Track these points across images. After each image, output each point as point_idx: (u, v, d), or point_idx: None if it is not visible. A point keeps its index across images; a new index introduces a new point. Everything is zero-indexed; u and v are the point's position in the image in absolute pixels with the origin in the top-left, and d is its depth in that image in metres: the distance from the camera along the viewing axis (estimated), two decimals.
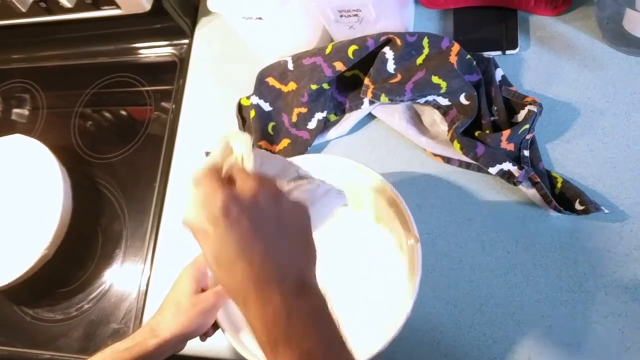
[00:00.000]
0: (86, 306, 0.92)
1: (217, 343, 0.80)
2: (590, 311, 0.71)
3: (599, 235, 0.74)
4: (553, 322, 0.72)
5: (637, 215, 0.74)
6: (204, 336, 0.70)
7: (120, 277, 0.92)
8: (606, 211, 0.73)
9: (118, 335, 0.87)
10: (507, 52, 0.85)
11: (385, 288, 0.71)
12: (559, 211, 0.74)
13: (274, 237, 0.47)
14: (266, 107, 0.89)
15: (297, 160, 0.74)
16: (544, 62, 0.84)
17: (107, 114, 1.07)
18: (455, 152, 0.79)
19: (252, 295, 0.44)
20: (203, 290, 0.67)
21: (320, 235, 0.54)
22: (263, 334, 0.44)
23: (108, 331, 0.89)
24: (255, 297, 0.44)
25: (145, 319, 0.87)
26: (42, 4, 0.97)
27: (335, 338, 0.46)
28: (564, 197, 0.76)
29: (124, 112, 1.07)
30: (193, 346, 0.79)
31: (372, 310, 0.72)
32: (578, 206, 0.74)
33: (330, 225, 0.75)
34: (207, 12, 1.05)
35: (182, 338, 0.65)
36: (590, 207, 0.72)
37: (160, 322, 0.65)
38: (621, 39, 0.80)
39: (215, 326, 0.69)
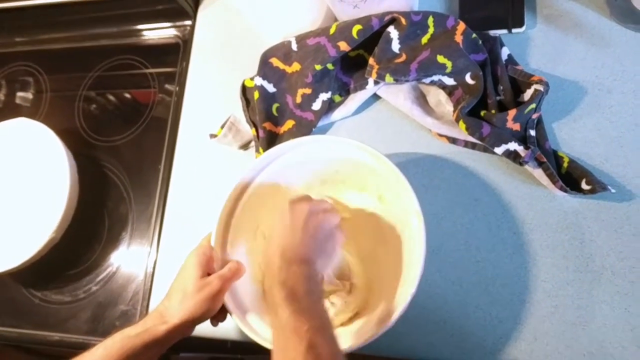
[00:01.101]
0: (94, 288, 0.92)
1: (224, 325, 0.81)
2: (596, 290, 0.72)
3: (606, 215, 0.74)
4: (559, 301, 0.72)
5: None
6: (215, 321, 0.71)
7: (127, 260, 0.93)
8: (613, 191, 0.73)
9: (126, 317, 0.88)
10: (514, 30, 0.84)
11: (390, 269, 0.71)
12: (565, 191, 0.74)
13: (313, 237, 0.65)
14: (270, 88, 0.88)
15: (303, 141, 0.74)
16: (550, 41, 0.83)
17: (111, 97, 1.07)
18: (460, 132, 0.78)
19: (281, 253, 0.62)
20: (209, 275, 0.68)
21: None
22: (274, 280, 0.60)
23: (116, 313, 0.89)
24: (281, 256, 0.62)
25: (152, 300, 0.87)
26: None
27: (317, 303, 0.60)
28: (570, 177, 0.75)
29: (128, 95, 1.07)
30: (201, 327, 0.80)
31: (377, 291, 0.73)
32: (585, 186, 0.73)
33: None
34: None
35: (191, 323, 0.66)
36: (597, 187, 0.72)
37: (168, 308, 0.66)
38: (629, 16, 0.79)
39: (226, 311, 0.70)
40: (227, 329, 0.81)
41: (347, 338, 0.65)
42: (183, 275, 0.68)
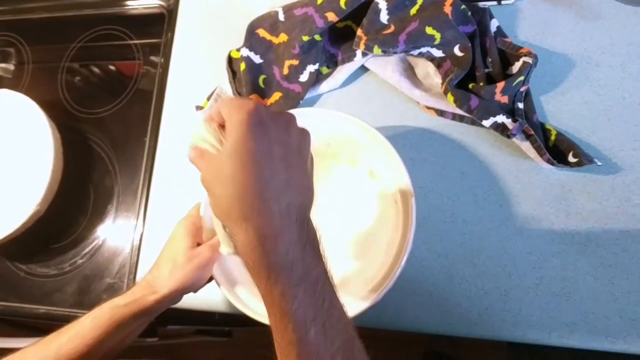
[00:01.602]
0: (80, 261, 0.92)
1: (212, 297, 0.81)
2: (581, 262, 0.72)
3: (592, 188, 0.75)
4: (544, 273, 0.73)
5: (630, 168, 0.74)
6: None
7: (113, 233, 0.92)
8: (599, 164, 0.73)
9: (112, 289, 0.87)
10: (503, 2, 0.83)
11: (379, 242, 0.71)
12: (552, 164, 0.74)
13: (284, 164, 0.47)
14: (257, 59, 0.87)
15: (295, 113, 0.73)
16: (540, 13, 0.83)
17: (94, 69, 1.05)
18: (448, 105, 0.78)
19: (257, 211, 0.45)
20: (198, 245, 0.67)
21: (315, 192, 0.53)
22: (257, 252, 0.45)
23: (102, 286, 0.89)
24: (258, 215, 0.45)
25: (139, 273, 0.87)
26: None
27: (322, 267, 0.47)
28: (557, 150, 0.76)
29: (111, 67, 1.05)
30: (189, 299, 0.80)
31: (367, 264, 0.73)
32: (571, 159, 0.74)
33: (325, 182, 0.76)
34: None
35: (180, 293, 0.66)
36: (584, 160, 0.72)
37: (157, 278, 0.65)
38: None
39: (209, 279, 0.69)
40: (215, 301, 0.82)
41: None
42: (172, 245, 0.67)
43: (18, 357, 0.60)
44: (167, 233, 0.85)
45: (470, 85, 0.78)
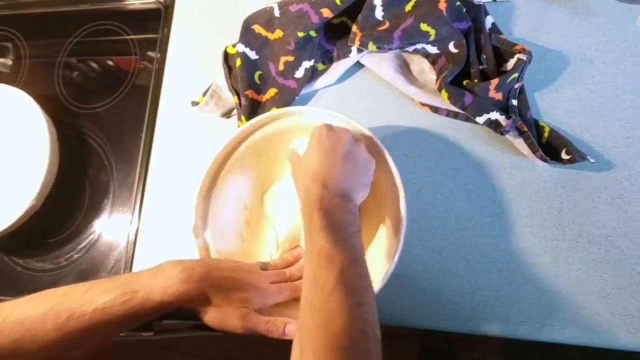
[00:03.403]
0: (75, 256, 0.92)
1: None
2: (572, 258, 0.73)
3: (584, 185, 0.75)
4: (536, 269, 0.73)
5: (622, 165, 0.75)
6: None
7: (108, 227, 0.93)
8: (592, 160, 0.74)
9: None
10: None
11: (371, 240, 0.71)
12: (545, 161, 0.74)
13: (353, 169, 0.65)
14: (252, 55, 0.87)
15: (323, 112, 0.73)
16: (535, 10, 0.83)
17: (91, 64, 1.05)
18: (443, 101, 0.78)
19: (322, 183, 0.61)
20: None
21: None
22: (314, 207, 0.59)
23: None
24: (322, 185, 0.61)
25: (135, 268, 0.87)
26: None
27: (355, 236, 0.59)
28: (550, 147, 0.76)
29: (108, 62, 1.05)
30: None
31: None
32: (564, 155, 0.74)
33: None
34: None
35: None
36: (576, 157, 0.73)
37: (198, 303, 0.60)
38: None
39: None
40: None
41: None
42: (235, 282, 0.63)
43: (31, 306, 0.57)
44: (162, 228, 0.85)
45: (465, 82, 0.78)
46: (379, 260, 0.67)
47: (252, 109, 0.86)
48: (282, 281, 0.68)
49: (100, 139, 0.98)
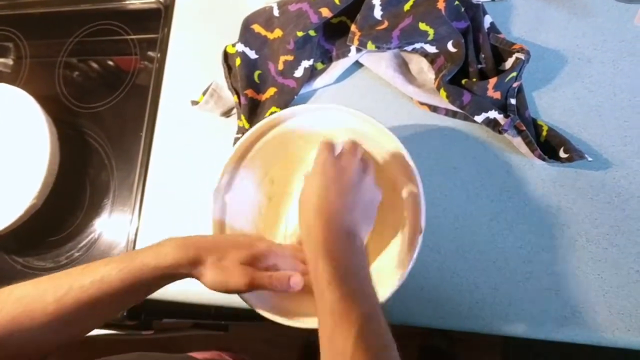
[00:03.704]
0: (76, 254, 0.92)
1: (209, 292, 0.82)
2: (570, 257, 0.73)
3: (582, 183, 0.75)
4: (534, 267, 0.73)
5: (620, 163, 0.75)
6: None
7: (109, 226, 0.93)
8: (590, 159, 0.74)
9: None
10: None
11: (383, 246, 0.71)
12: (543, 159, 0.74)
13: (359, 202, 0.62)
14: (252, 54, 0.87)
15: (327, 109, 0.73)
16: (533, 9, 0.83)
17: (92, 63, 1.06)
18: (441, 100, 0.79)
19: (325, 221, 0.58)
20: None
21: None
22: (319, 254, 0.55)
23: None
24: (324, 224, 0.58)
25: None
26: None
27: (366, 282, 0.55)
28: (548, 145, 0.76)
29: (109, 61, 1.05)
30: (185, 294, 0.81)
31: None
32: (562, 154, 0.74)
33: None
34: None
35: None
36: (574, 155, 0.73)
37: (198, 264, 0.60)
38: None
39: None
40: (212, 295, 0.82)
41: None
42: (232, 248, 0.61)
43: (32, 285, 0.57)
44: (162, 227, 0.85)
45: (464, 81, 0.78)
46: (389, 269, 0.67)
47: (252, 108, 0.86)
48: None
49: (100, 138, 0.99)
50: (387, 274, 0.66)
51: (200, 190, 0.87)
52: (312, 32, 0.84)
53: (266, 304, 0.66)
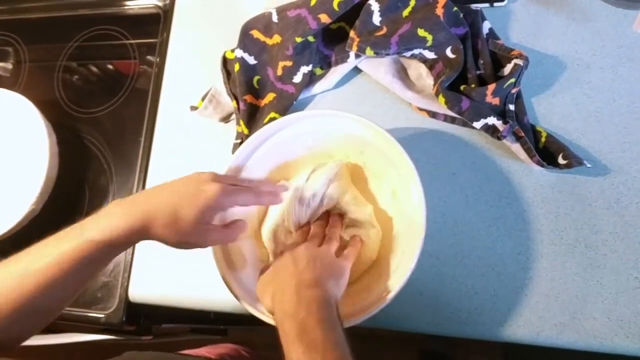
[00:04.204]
0: None
1: (209, 296, 0.82)
2: (569, 263, 0.73)
3: (581, 189, 0.75)
4: (533, 273, 0.73)
5: (619, 169, 0.75)
6: None
7: None
8: (589, 165, 0.74)
9: (107, 288, 0.88)
10: (495, 4, 0.84)
11: (387, 250, 0.72)
12: (542, 165, 0.74)
13: (330, 274, 0.63)
14: (251, 60, 0.87)
15: (337, 114, 0.72)
16: (532, 15, 0.84)
17: (91, 68, 1.06)
18: (440, 106, 0.79)
19: (299, 296, 0.57)
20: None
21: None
22: (290, 322, 0.54)
23: (97, 284, 0.89)
24: (298, 298, 0.57)
25: (134, 272, 0.87)
26: None
27: (331, 333, 0.54)
28: (547, 152, 0.76)
29: (108, 66, 1.05)
30: (185, 299, 0.81)
31: (375, 268, 0.73)
32: (561, 160, 0.74)
33: (348, 185, 0.76)
34: None
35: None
36: (573, 162, 0.73)
37: (154, 226, 0.58)
38: None
39: None
40: (211, 300, 0.82)
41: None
42: (180, 203, 0.60)
43: None
44: None
45: (462, 87, 0.78)
46: (390, 273, 0.68)
47: (251, 114, 0.86)
48: (242, 190, 0.65)
49: (99, 143, 0.99)
50: (388, 277, 0.67)
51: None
52: (311, 38, 0.84)
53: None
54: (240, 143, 0.85)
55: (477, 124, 0.76)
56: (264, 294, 0.62)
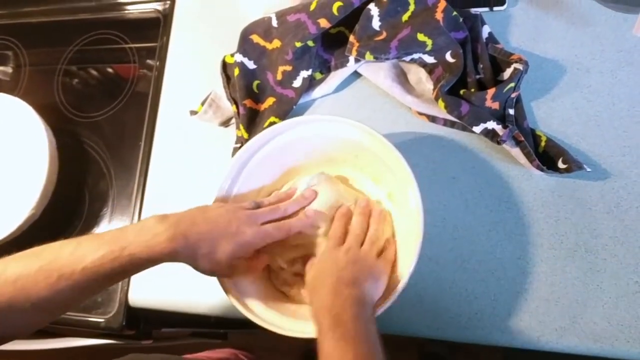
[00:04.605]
0: None
1: (209, 301, 0.82)
2: (569, 267, 0.73)
3: (581, 194, 0.75)
4: (533, 278, 0.73)
5: (618, 174, 0.75)
6: None
7: None
8: (588, 169, 0.74)
9: (107, 293, 0.88)
10: (495, 8, 0.84)
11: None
12: (542, 170, 0.74)
13: (370, 276, 0.64)
14: (250, 65, 0.87)
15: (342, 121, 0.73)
16: (531, 19, 0.84)
17: (91, 72, 1.06)
18: (440, 110, 0.79)
19: (336, 292, 0.59)
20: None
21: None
22: (325, 315, 0.57)
23: None
24: (335, 293, 0.59)
25: (134, 276, 0.87)
26: None
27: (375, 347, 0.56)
28: (547, 156, 0.76)
29: (108, 70, 1.05)
30: (185, 304, 0.81)
31: None
32: (561, 164, 0.74)
33: (345, 190, 0.76)
34: None
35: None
36: (573, 166, 0.73)
37: (187, 255, 0.62)
38: None
39: None
40: (211, 305, 0.82)
41: None
42: (215, 246, 0.63)
43: (23, 265, 0.58)
44: None
45: (462, 91, 0.78)
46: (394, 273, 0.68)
47: (251, 118, 0.86)
48: (278, 218, 0.69)
49: (99, 147, 0.99)
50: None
51: (198, 199, 0.86)
52: (310, 43, 0.84)
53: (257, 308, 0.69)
54: (240, 147, 0.85)
55: (477, 129, 0.76)
56: (306, 288, 0.67)
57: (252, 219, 0.66)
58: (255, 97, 0.87)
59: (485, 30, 0.81)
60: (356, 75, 0.87)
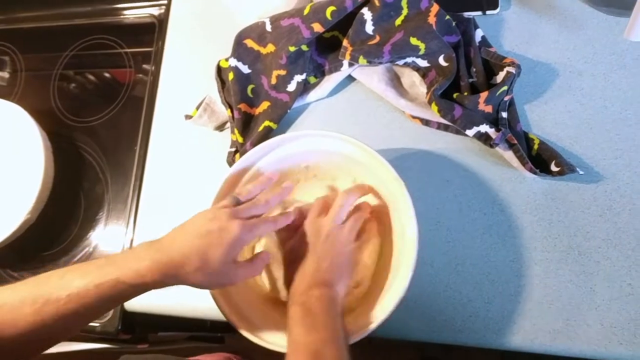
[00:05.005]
0: None
1: (205, 305, 0.82)
2: (563, 270, 0.73)
3: (574, 197, 0.75)
4: (527, 281, 0.73)
5: (611, 177, 0.75)
6: None
7: (103, 240, 0.93)
8: (581, 172, 0.74)
9: None
10: (488, 12, 0.84)
11: (384, 263, 0.72)
12: (535, 173, 0.75)
13: (342, 277, 0.66)
14: (245, 69, 0.88)
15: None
16: (524, 23, 0.84)
17: (87, 77, 1.06)
18: (433, 114, 0.79)
19: (309, 291, 0.62)
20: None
21: None
22: (295, 306, 0.61)
23: None
24: (308, 292, 0.62)
25: None
26: None
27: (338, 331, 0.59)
28: (540, 159, 0.76)
29: (104, 75, 1.06)
30: (181, 307, 0.81)
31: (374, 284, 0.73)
32: (554, 167, 0.75)
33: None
34: None
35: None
36: (566, 169, 0.73)
37: (184, 273, 0.60)
38: None
39: None
40: (207, 309, 0.82)
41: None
42: (209, 249, 0.60)
43: (10, 291, 0.57)
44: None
45: (455, 95, 0.79)
46: (388, 285, 0.68)
47: (245, 122, 0.86)
48: (260, 213, 0.67)
49: (95, 152, 0.99)
50: (387, 290, 0.67)
51: (194, 203, 0.86)
52: (304, 47, 0.84)
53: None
54: (235, 152, 0.85)
55: (470, 132, 0.77)
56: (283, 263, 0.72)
57: (234, 216, 0.63)
58: (250, 101, 0.88)
59: (478, 34, 0.82)
60: (350, 79, 0.87)
